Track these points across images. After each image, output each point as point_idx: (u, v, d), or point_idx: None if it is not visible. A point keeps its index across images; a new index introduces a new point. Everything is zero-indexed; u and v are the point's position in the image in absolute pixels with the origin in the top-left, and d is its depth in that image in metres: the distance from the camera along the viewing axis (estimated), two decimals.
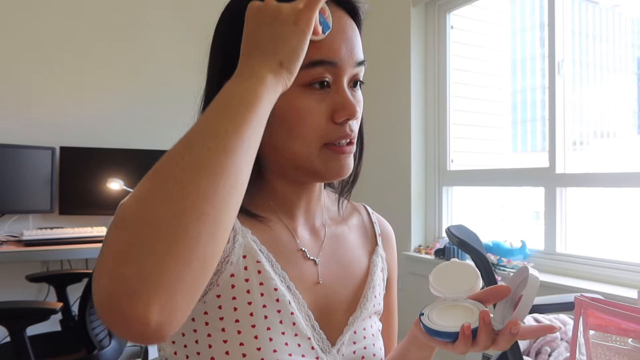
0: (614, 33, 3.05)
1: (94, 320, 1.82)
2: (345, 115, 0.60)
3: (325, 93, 0.60)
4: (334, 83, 0.60)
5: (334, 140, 0.61)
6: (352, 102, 0.60)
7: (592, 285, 1.90)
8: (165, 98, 2.92)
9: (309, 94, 0.59)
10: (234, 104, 0.47)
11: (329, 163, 0.61)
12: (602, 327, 1.10)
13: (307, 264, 0.66)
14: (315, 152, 0.61)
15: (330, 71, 0.59)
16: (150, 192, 0.41)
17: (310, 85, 0.59)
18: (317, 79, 0.59)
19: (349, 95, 0.60)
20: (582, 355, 1.12)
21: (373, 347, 0.68)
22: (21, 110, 2.63)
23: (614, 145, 2.10)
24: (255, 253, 0.61)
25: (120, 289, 0.37)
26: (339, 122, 0.60)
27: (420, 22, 2.80)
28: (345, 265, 0.70)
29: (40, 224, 2.62)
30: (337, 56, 0.59)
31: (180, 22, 2.99)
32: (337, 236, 0.72)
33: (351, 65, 0.61)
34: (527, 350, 1.62)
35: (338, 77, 0.60)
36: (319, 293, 0.66)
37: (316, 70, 0.59)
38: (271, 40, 0.52)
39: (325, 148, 0.61)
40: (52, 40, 2.69)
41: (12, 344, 1.59)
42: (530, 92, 2.87)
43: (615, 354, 1.09)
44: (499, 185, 2.63)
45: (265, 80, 0.50)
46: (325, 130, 0.60)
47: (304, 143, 0.60)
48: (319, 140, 0.60)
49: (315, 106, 0.60)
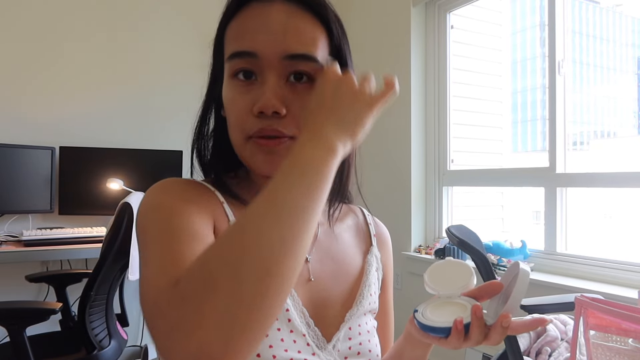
0: (614, 33, 3.04)
1: (94, 321, 1.81)
2: (258, 108, 0.58)
3: (251, 85, 0.60)
4: (259, 75, 0.60)
5: (252, 133, 0.60)
6: (268, 95, 0.58)
7: (592, 285, 1.90)
8: (165, 98, 2.92)
9: (234, 85, 0.61)
10: (309, 175, 0.49)
11: (255, 156, 0.61)
12: (602, 327, 1.10)
13: None
14: (243, 144, 0.61)
15: (251, 62, 0.59)
16: (243, 264, 0.42)
17: (235, 76, 0.60)
18: (237, 70, 0.60)
19: (268, 88, 0.58)
20: (582, 355, 1.12)
21: (368, 343, 0.68)
22: (21, 111, 2.63)
23: (614, 145, 2.09)
24: None
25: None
26: (256, 115, 0.59)
27: (420, 22, 2.80)
28: (339, 262, 0.70)
29: (39, 224, 2.62)
30: (256, 47, 0.58)
31: (181, 23, 2.99)
32: (331, 234, 0.72)
33: (277, 58, 0.58)
34: (527, 351, 1.62)
35: (263, 69, 0.59)
36: (312, 290, 0.66)
37: (235, 62, 0.60)
38: (348, 114, 0.55)
39: (250, 141, 0.61)
40: (52, 41, 2.69)
41: (12, 344, 1.59)
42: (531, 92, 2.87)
43: (616, 354, 1.09)
44: (499, 185, 2.63)
45: (337, 152, 0.52)
46: (246, 123, 0.60)
47: (234, 134, 0.62)
48: (242, 132, 0.61)
49: (237, 97, 0.60)
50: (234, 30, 0.61)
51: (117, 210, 1.74)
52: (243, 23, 0.61)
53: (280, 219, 0.44)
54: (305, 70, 0.60)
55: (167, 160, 2.78)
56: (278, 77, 0.59)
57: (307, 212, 0.46)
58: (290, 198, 0.46)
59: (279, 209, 0.45)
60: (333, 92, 0.56)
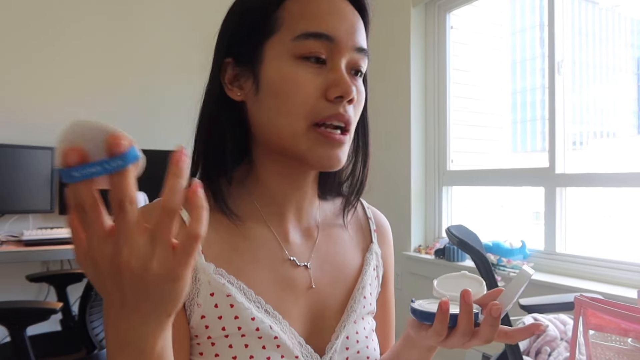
0: (613, 33, 3.05)
1: (94, 320, 1.82)
2: (339, 92, 0.56)
3: (320, 68, 0.57)
4: (330, 60, 0.58)
5: (323, 119, 0.56)
6: (348, 81, 0.57)
7: (592, 285, 1.90)
8: (165, 99, 2.93)
9: (302, 66, 0.57)
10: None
11: (316, 148, 0.57)
12: (601, 327, 1.10)
13: (298, 270, 0.64)
14: (302, 132, 0.57)
15: (325, 46, 0.57)
16: None
17: (305, 58, 0.57)
18: (309, 52, 0.57)
19: (344, 73, 0.57)
20: (581, 355, 1.12)
21: (367, 350, 0.66)
22: (21, 111, 2.63)
23: (613, 145, 2.10)
24: (223, 287, 0.57)
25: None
26: (331, 100, 0.56)
27: (420, 22, 2.80)
28: (339, 267, 0.68)
29: (40, 224, 2.62)
30: (334, 32, 0.57)
31: (181, 23, 2.99)
32: (331, 236, 0.70)
33: (350, 48, 0.58)
34: (527, 350, 1.62)
35: (335, 54, 0.58)
36: (312, 298, 0.64)
37: (309, 42, 0.56)
38: (149, 302, 0.39)
39: (313, 130, 0.57)
40: (52, 41, 2.69)
41: (13, 343, 1.59)
42: (530, 92, 2.87)
43: (615, 354, 1.09)
44: (499, 185, 2.63)
45: (157, 345, 0.41)
46: (316, 107, 0.56)
47: (291, 119, 0.56)
48: (306, 117, 0.56)
49: (307, 78, 0.56)
50: (301, 8, 0.58)
51: None
52: (313, 3, 0.58)
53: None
54: (362, 66, 0.61)
55: (167, 160, 2.78)
56: (346, 66, 0.59)
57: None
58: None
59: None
60: (126, 288, 0.38)
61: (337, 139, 0.57)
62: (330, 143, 0.57)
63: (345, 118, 0.57)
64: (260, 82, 0.59)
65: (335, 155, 0.58)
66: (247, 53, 0.60)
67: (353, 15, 0.60)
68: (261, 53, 0.59)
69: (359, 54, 0.60)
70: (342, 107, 0.57)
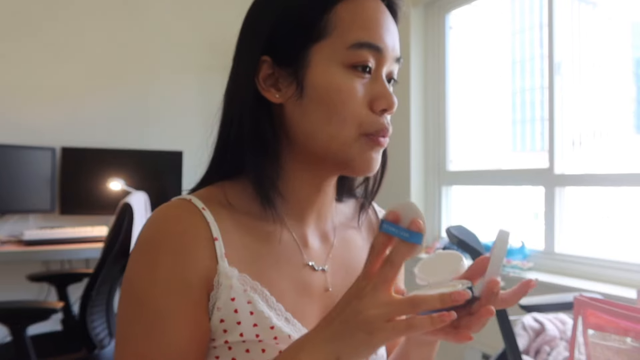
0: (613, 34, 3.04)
1: (95, 320, 1.82)
2: (385, 105, 0.57)
3: (366, 79, 0.58)
4: (375, 70, 0.58)
5: (372, 131, 0.58)
6: (392, 93, 0.58)
7: (592, 285, 1.90)
8: (165, 99, 2.93)
9: (353, 76, 0.57)
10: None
11: (365, 154, 0.58)
12: (601, 327, 1.10)
13: (316, 274, 0.64)
14: (353, 140, 0.58)
15: (374, 56, 0.57)
16: None
17: (354, 67, 0.57)
18: (362, 62, 0.56)
19: (388, 85, 0.59)
20: (581, 354, 1.13)
21: (375, 355, 0.66)
22: (22, 111, 2.63)
23: (613, 145, 2.10)
24: (244, 294, 0.57)
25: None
26: (377, 112, 0.58)
27: (420, 22, 2.81)
28: (354, 271, 0.67)
29: (41, 223, 2.62)
30: (383, 42, 0.57)
31: (182, 24, 2.99)
32: (347, 240, 0.70)
33: (392, 58, 0.59)
34: (526, 350, 1.62)
35: (380, 64, 0.58)
36: (327, 302, 0.64)
37: (362, 52, 0.56)
38: (346, 330, 0.48)
39: (363, 137, 0.58)
40: (52, 41, 2.69)
41: (13, 343, 1.59)
42: (530, 92, 2.87)
43: (615, 354, 1.09)
44: (498, 185, 2.63)
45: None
46: (365, 118, 0.57)
47: (344, 127, 0.57)
48: (358, 128, 0.57)
49: (357, 89, 0.57)
50: (352, 15, 0.57)
51: (118, 211, 1.75)
52: (365, 11, 0.58)
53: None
54: (396, 74, 0.62)
55: (168, 160, 2.78)
56: (386, 76, 0.60)
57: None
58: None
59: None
60: (348, 310, 0.49)
61: (383, 143, 0.60)
62: (377, 150, 0.60)
63: (388, 129, 0.60)
64: (305, 87, 0.57)
65: (378, 159, 0.61)
66: (292, 55, 0.58)
67: (392, 21, 0.61)
68: (307, 56, 0.57)
69: (397, 63, 0.61)
70: (386, 120, 0.59)
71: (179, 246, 0.56)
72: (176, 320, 0.54)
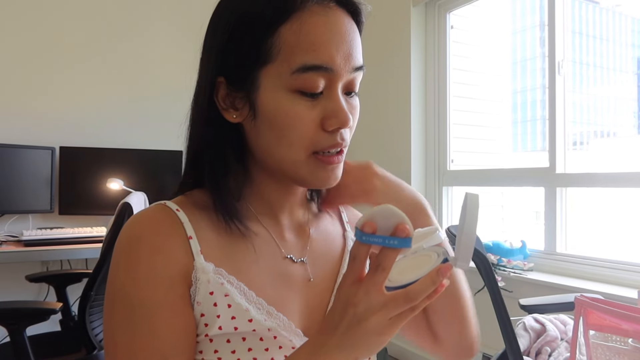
0: (614, 33, 3.04)
1: (94, 320, 1.81)
2: (337, 124, 0.57)
3: (317, 99, 0.57)
4: (327, 89, 0.57)
5: (323, 149, 0.58)
6: (346, 110, 0.57)
7: (592, 285, 1.90)
8: (164, 99, 2.92)
9: (299, 100, 0.56)
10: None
11: (317, 173, 0.59)
12: (602, 327, 1.10)
13: (295, 267, 0.65)
14: (303, 160, 0.58)
15: (324, 76, 0.56)
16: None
17: (301, 92, 0.56)
18: (309, 87, 0.56)
19: (342, 103, 0.57)
20: (582, 355, 1.12)
21: None
22: (21, 111, 2.63)
23: (614, 145, 2.10)
24: (221, 287, 0.58)
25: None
26: (329, 130, 0.57)
27: (420, 22, 2.80)
28: (333, 259, 0.70)
29: (40, 224, 2.62)
30: (334, 62, 0.56)
31: (181, 23, 2.99)
32: (321, 231, 0.71)
33: (348, 71, 0.57)
34: (527, 351, 1.62)
35: (332, 83, 0.57)
36: (310, 292, 0.65)
37: (309, 76, 0.55)
38: (355, 338, 0.49)
39: (313, 157, 0.58)
40: (52, 41, 2.69)
41: (12, 344, 1.59)
42: (530, 92, 2.87)
43: (615, 354, 1.09)
44: (499, 185, 2.63)
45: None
46: (315, 139, 0.57)
47: (291, 150, 0.57)
48: (307, 149, 0.57)
49: (305, 112, 0.56)
50: (297, 36, 0.55)
51: (117, 211, 1.74)
52: (312, 31, 0.56)
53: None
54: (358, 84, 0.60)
55: (167, 160, 2.78)
56: (343, 89, 0.59)
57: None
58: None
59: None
60: (347, 319, 0.49)
61: (336, 161, 0.59)
62: (330, 166, 0.59)
63: (343, 145, 0.59)
64: (256, 110, 0.58)
65: (334, 175, 0.61)
66: (243, 77, 0.58)
67: (349, 28, 0.58)
68: (257, 80, 0.57)
69: (355, 72, 0.59)
70: (339, 136, 0.58)
71: (156, 245, 0.57)
72: (163, 314, 0.55)
